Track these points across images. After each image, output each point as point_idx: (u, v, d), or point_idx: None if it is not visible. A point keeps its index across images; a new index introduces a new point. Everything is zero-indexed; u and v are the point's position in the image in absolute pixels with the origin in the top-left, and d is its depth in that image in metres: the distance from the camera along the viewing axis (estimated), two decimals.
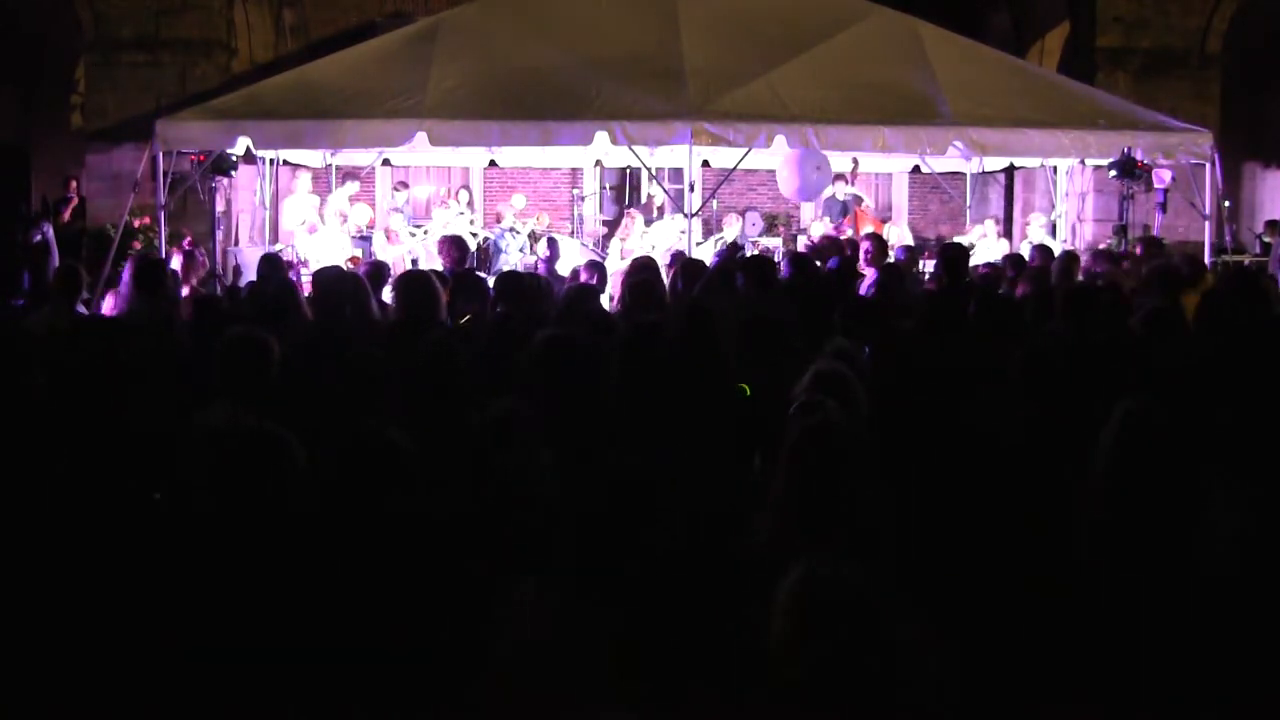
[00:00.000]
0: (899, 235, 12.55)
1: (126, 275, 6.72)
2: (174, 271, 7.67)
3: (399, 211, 12.92)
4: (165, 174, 9.69)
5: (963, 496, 3.17)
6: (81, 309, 6.64)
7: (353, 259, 10.52)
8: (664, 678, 2.23)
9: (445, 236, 8.32)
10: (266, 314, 5.44)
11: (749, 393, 4.03)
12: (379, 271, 6.75)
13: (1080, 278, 7.63)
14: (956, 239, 11.05)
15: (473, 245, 11.20)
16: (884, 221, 13.50)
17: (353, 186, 12.63)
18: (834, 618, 1.75)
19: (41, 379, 3.80)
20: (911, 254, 9.81)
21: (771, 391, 3.83)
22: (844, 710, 1.67)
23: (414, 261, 11.28)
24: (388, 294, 6.22)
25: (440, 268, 7.30)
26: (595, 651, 2.27)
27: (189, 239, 10.46)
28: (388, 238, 12.01)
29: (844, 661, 1.71)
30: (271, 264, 8.19)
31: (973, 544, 2.99)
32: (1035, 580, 2.80)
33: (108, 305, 7.21)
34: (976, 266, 9.00)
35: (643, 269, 7.06)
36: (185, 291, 7.70)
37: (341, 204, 12.10)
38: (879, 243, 8.49)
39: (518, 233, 11.88)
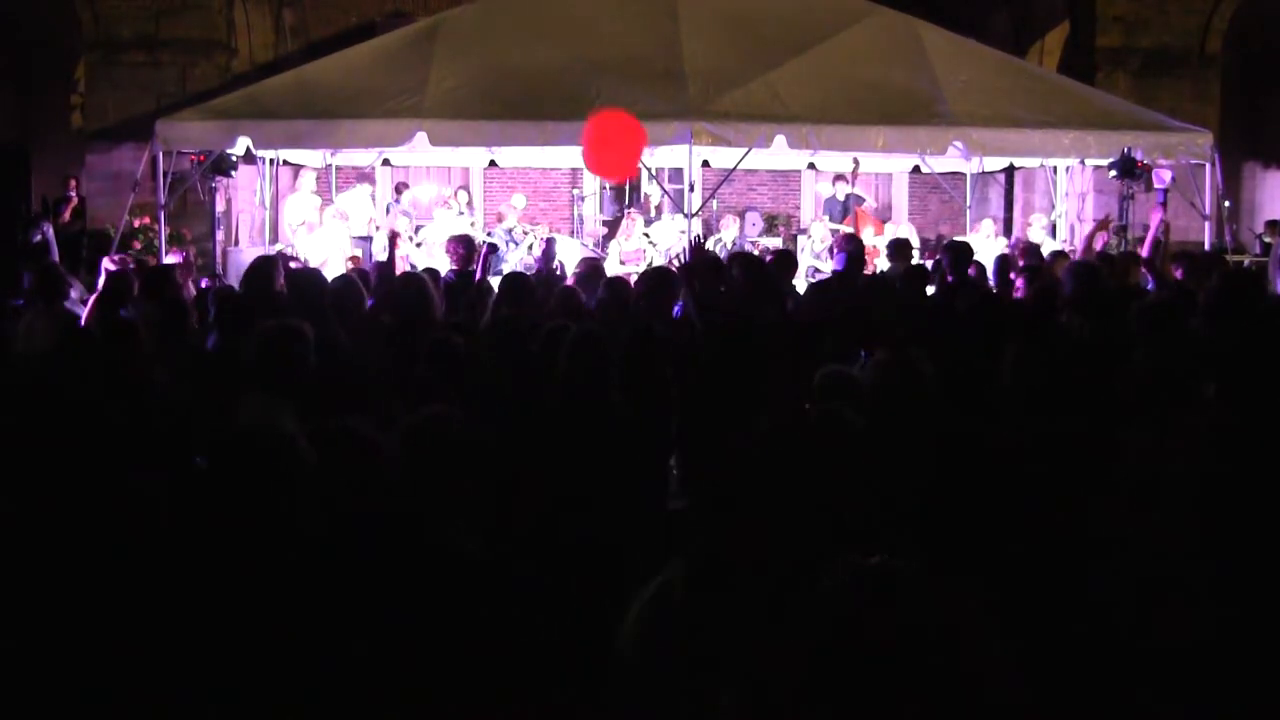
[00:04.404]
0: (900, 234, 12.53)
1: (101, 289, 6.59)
2: (179, 269, 7.65)
3: (407, 215, 12.84)
4: (165, 174, 9.68)
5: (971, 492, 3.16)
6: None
7: (352, 259, 10.51)
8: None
9: (454, 236, 8.30)
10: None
11: None
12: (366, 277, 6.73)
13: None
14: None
15: None
16: (884, 222, 13.49)
17: (366, 189, 12.59)
18: (887, 616, 1.64)
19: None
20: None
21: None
22: (896, 712, 1.56)
23: (412, 266, 11.22)
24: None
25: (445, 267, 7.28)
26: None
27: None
28: (392, 242, 11.93)
29: (899, 660, 1.58)
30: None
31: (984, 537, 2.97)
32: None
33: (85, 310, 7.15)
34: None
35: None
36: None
37: (354, 204, 12.05)
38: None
39: (517, 243, 11.82)
